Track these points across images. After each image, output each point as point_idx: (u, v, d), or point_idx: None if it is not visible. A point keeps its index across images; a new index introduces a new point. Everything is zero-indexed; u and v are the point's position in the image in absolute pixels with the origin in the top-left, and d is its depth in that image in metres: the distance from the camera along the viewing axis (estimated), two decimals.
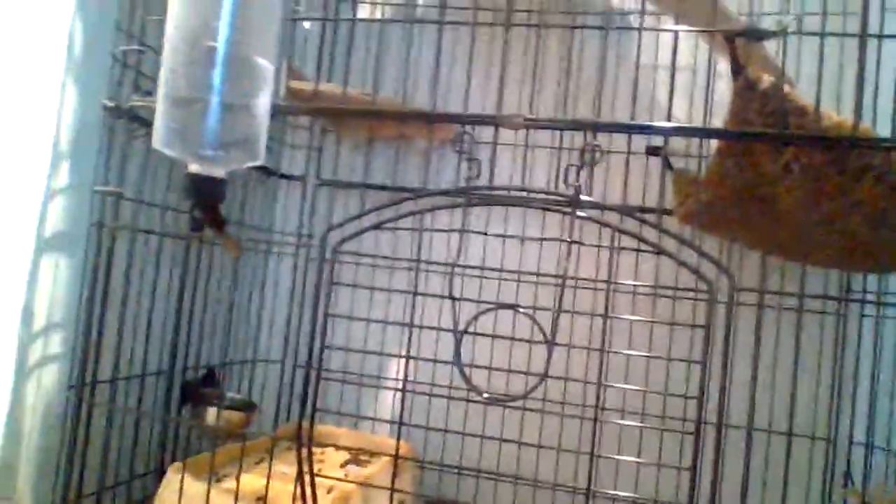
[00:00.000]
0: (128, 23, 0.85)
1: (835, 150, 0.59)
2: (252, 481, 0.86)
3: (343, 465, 0.97)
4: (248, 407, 1.03)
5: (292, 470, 0.83)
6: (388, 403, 1.11)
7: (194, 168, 0.66)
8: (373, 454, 0.97)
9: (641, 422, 0.84)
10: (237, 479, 0.76)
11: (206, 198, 0.68)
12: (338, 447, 1.03)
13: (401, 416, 0.67)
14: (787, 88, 0.61)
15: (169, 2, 0.63)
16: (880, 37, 0.59)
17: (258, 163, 0.68)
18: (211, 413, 1.00)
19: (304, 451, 0.69)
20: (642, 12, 0.81)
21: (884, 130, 0.59)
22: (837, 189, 0.61)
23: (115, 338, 0.89)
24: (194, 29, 0.63)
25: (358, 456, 1.00)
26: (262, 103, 0.67)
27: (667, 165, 0.90)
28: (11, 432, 0.83)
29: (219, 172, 0.67)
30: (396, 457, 0.69)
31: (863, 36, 0.57)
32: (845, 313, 0.88)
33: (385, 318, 0.87)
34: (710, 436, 0.58)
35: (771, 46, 0.70)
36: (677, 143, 0.92)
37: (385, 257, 0.96)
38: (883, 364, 0.92)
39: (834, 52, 0.64)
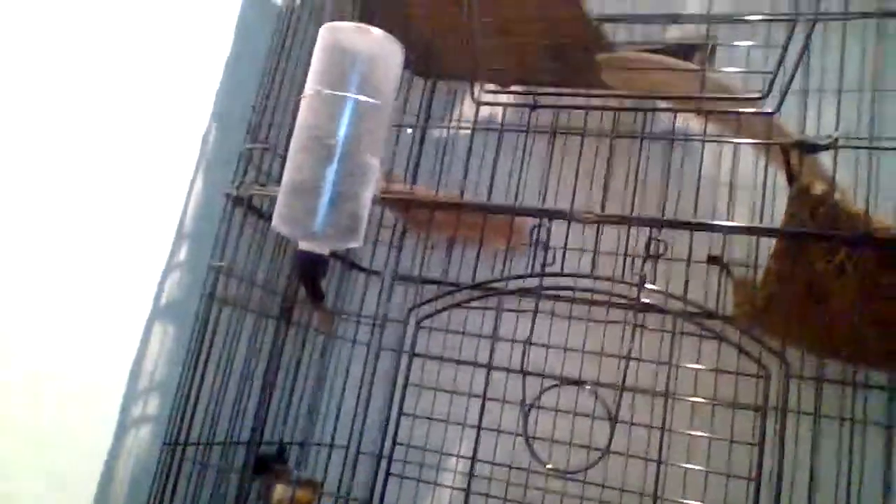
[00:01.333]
0: (256, 125, 0.99)
1: (884, 249, 0.64)
2: None
3: None
4: (313, 486, 1.07)
5: None
6: (450, 480, 1.12)
7: (304, 245, 0.76)
8: None
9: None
10: None
11: (311, 272, 0.78)
12: None
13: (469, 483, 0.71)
14: (837, 195, 0.68)
15: (300, 106, 0.76)
16: None
17: (359, 244, 0.77)
18: (280, 488, 1.04)
19: None
20: (704, 132, 0.89)
21: None
22: (888, 288, 0.66)
23: (207, 403, 0.96)
24: (317, 129, 0.75)
25: None
26: (367, 194, 0.77)
27: (727, 273, 0.96)
28: (105, 483, 0.90)
29: (324, 250, 0.77)
30: None
31: None
32: (892, 425, 0.88)
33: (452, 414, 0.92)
34: None
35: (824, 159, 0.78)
36: (738, 253, 0.98)
37: (462, 333, 1.01)
38: None
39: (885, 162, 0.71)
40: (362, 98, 0.76)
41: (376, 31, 0.76)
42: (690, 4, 1.12)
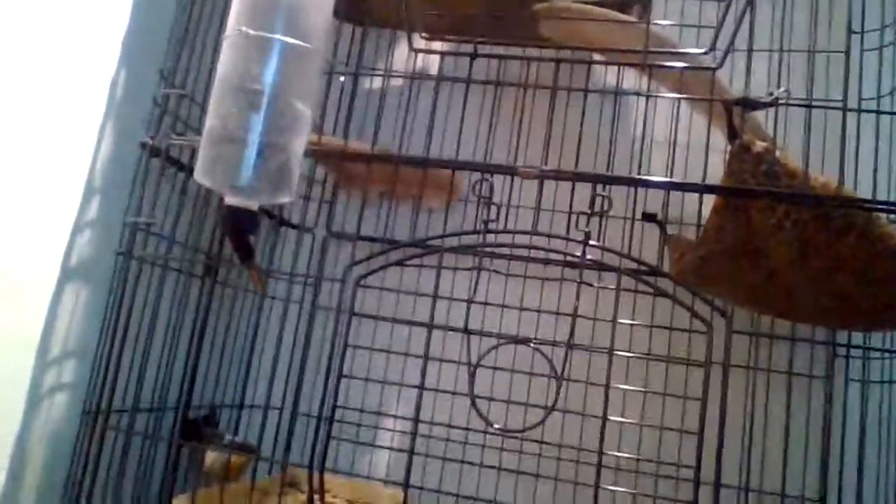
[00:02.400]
0: (172, 70, 0.92)
1: (821, 207, 0.65)
2: None
3: None
4: (248, 450, 1.03)
5: None
6: (388, 440, 1.12)
7: (230, 199, 0.71)
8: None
9: (637, 461, 0.86)
10: None
11: (239, 228, 0.73)
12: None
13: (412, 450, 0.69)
14: (778, 152, 0.68)
15: (221, 49, 0.70)
16: (860, 110, 0.67)
17: (290, 199, 0.73)
18: (211, 453, 1.00)
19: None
20: (648, 87, 0.88)
21: (865, 193, 0.65)
22: (824, 245, 0.67)
23: (129, 369, 0.91)
24: (241, 72, 0.69)
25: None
26: (298, 144, 0.72)
27: (662, 231, 0.97)
28: (19, 457, 0.84)
29: (253, 205, 0.72)
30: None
31: (844, 109, 0.65)
32: (832, 375, 0.93)
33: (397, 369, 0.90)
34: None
35: (762, 118, 0.78)
36: (672, 213, 0.98)
37: (401, 292, 0.99)
38: (869, 428, 0.95)
39: (819, 122, 0.72)
40: (291, 40, 0.70)
41: None
42: None
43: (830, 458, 0.92)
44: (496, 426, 0.65)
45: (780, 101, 0.67)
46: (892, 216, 0.64)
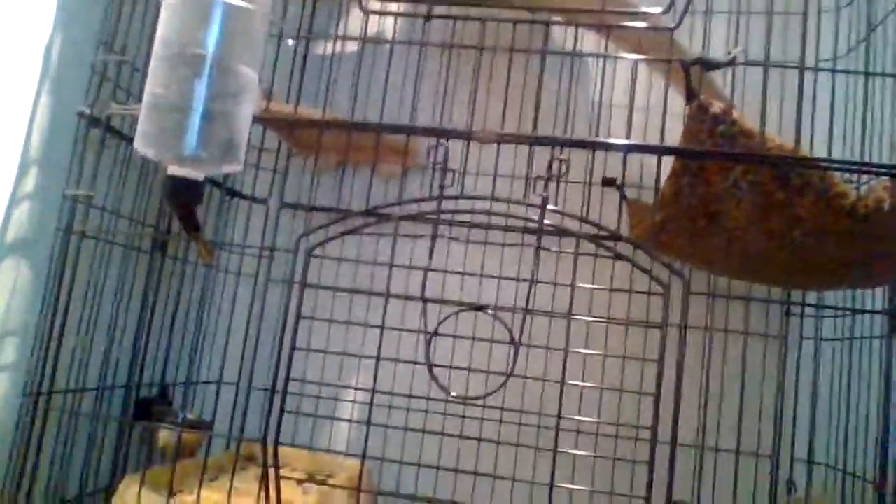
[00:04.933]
0: (111, 35, 0.87)
1: (778, 167, 0.65)
2: (209, 497, 0.84)
3: (300, 483, 0.96)
4: (202, 426, 1.01)
5: (246, 486, 0.83)
6: (348, 413, 1.11)
7: (174, 170, 0.67)
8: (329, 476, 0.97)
9: (597, 425, 0.87)
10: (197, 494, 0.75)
11: (184, 199, 0.70)
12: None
13: (368, 421, 0.68)
14: (735, 113, 0.68)
15: (160, 13, 0.66)
16: (816, 69, 0.66)
17: (238, 168, 0.70)
18: (165, 432, 0.98)
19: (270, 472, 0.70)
20: (605, 48, 0.87)
21: (820, 153, 0.65)
22: (781, 204, 0.67)
23: (73, 349, 0.87)
24: (182, 37, 0.66)
25: (314, 476, 1.00)
26: (245, 110, 0.69)
27: (622, 195, 0.96)
28: None
29: (198, 175, 0.69)
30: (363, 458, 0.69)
31: (801, 68, 0.64)
32: (786, 334, 0.95)
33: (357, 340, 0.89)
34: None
35: (719, 80, 0.78)
36: (630, 177, 0.98)
37: (357, 261, 0.97)
38: (822, 385, 0.98)
39: (776, 83, 0.71)
40: (233, 2, 0.66)
41: None
42: None
43: (784, 414, 0.94)
44: (454, 394, 0.64)
45: (738, 62, 0.67)
46: (846, 175, 0.65)
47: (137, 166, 0.97)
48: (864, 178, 0.75)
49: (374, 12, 0.91)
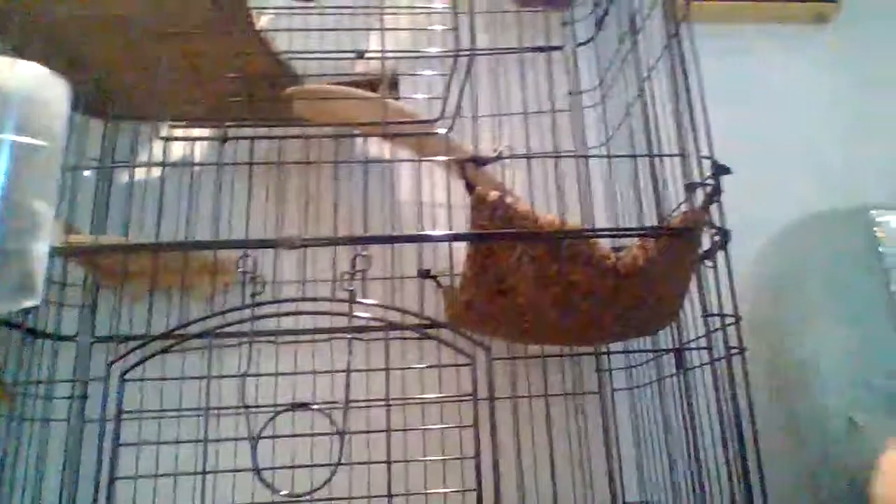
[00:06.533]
0: None
1: (549, 242, 0.75)
2: None
3: None
4: None
5: None
6: None
7: None
8: None
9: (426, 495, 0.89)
10: None
11: None
12: None
13: None
14: (510, 199, 0.78)
15: None
16: (576, 156, 0.79)
17: (36, 303, 0.68)
18: None
19: None
20: (392, 155, 0.96)
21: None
22: (557, 273, 0.77)
23: None
24: None
25: None
26: (40, 246, 0.68)
27: (437, 283, 1.04)
28: None
29: None
30: None
31: (557, 156, 0.76)
32: (582, 390, 1.05)
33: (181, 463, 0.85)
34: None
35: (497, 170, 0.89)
36: (442, 265, 1.06)
37: (168, 379, 0.94)
38: (642, 432, 1.08)
39: (542, 168, 0.83)
40: (21, 139, 0.67)
41: (35, 67, 0.69)
42: (374, 41, 1.20)
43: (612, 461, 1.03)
44: (283, 492, 0.64)
45: (504, 156, 0.78)
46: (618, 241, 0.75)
47: None
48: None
49: (173, 139, 0.94)
